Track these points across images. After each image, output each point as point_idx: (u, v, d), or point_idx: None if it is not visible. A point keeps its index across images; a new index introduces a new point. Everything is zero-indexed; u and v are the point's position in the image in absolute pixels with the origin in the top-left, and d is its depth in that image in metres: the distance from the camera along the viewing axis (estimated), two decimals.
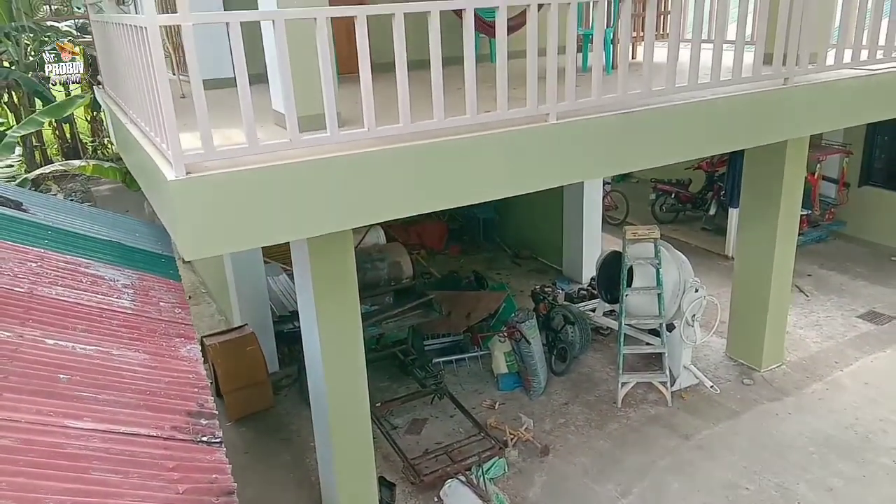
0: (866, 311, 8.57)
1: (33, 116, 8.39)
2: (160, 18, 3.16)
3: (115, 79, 5.61)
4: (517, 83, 4.40)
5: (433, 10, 3.77)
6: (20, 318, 3.34)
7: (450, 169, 4.11)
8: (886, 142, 10.36)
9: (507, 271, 10.54)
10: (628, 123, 4.62)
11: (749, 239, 7.31)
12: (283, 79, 3.51)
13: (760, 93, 5.14)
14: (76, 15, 11.44)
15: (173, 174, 3.33)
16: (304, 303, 5.24)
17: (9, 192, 5.24)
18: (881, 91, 5.91)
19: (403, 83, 3.80)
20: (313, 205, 3.71)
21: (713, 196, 11.52)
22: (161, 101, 3.22)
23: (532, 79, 4.22)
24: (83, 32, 13.78)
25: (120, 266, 4.54)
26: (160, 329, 3.84)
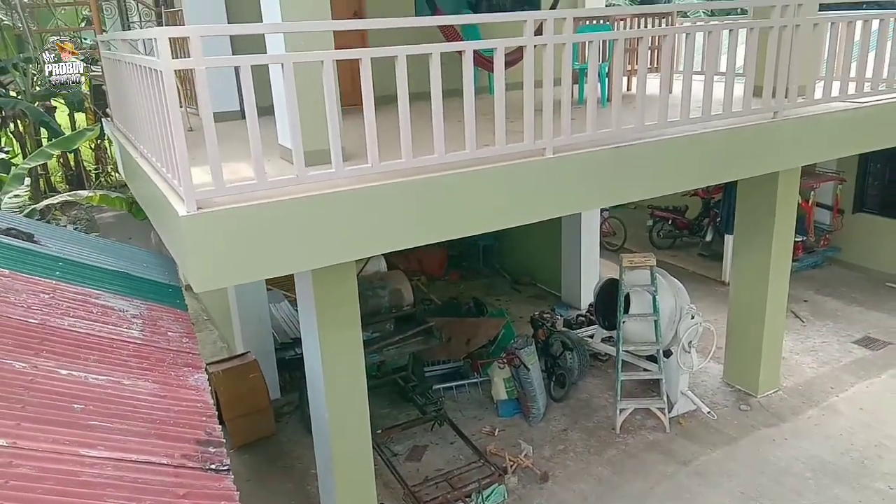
0: (861, 336, 8.68)
1: (43, 149, 8.56)
2: (175, 63, 3.32)
3: (125, 113, 5.78)
4: (515, 115, 4.56)
5: (434, 52, 3.95)
6: (35, 349, 3.45)
7: (450, 202, 4.25)
8: (879, 169, 10.55)
9: (506, 297, 10.65)
10: (622, 157, 4.78)
11: (744, 266, 7.45)
12: (291, 118, 3.67)
13: (750, 126, 5.31)
14: (84, 48, 11.69)
15: (185, 210, 3.47)
16: (307, 331, 5.35)
17: (20, 224, 5.38)
18: (868, 123, 6.09)
19: (406, 121, 3.96)
20: (319, 238, 3.84)
21: (710, 222, 11.69)
22: (175, 142, 3.37)
23: (529, 115, 4.39)
24: (90, 63, 14.03)
25: (129, 296, 4.66)
26: (168, 359, 3.94)
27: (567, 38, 4.42)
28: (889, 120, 6.26)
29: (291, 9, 4.00)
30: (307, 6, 4.06)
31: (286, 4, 4.00)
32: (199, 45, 3.34)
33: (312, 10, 4.08)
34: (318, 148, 4.02)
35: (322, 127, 3.88)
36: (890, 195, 10.46)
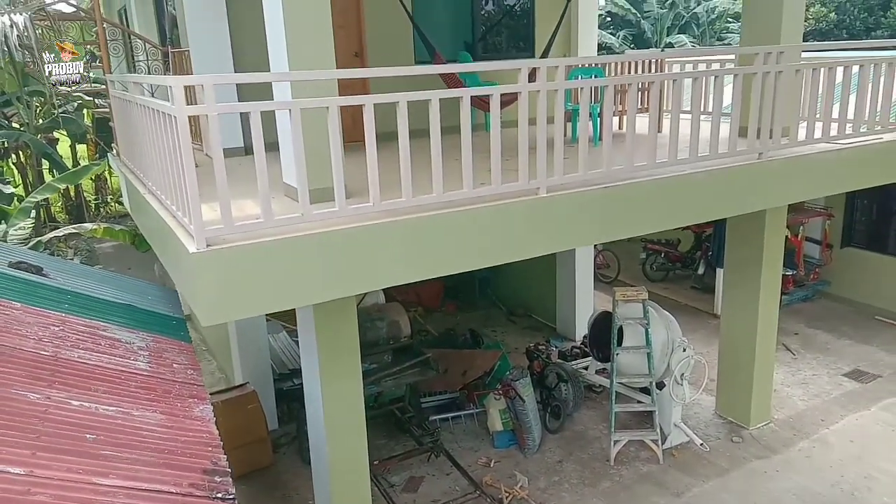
0: (851, 369, 8.82)
1: (50, 183, 8.77)
2: (189, 109, 3.51)
3: (133, 150, 5.98)
4: (510, 153, 4.75)
5: (433, 98, 4.16)
6: (47, 381, 3.58)
7: (448, 239, 4.43)
8: (866, 205, 10.79)
9: (501, 329, 10.78)
10: (613, 196, 4.98)
11: (734, 299, 7.62)
12: (298, 160, 3.86)
13: (736, 167, 5.53)
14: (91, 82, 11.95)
15: (195, 247, 3.63)
16: (307, 362, 5.48)
17: (29, 258, 5.53)
18: (851, 164, 6.32)
19: (406, 162, 4.14)
20: (323, 273, 4.00)
21: (702, 256, 11.89)
22: (187, 183, 3.55)
23: (523, 156, 4.58)
24: (97, 97, 14.30)
25: (135, 329, 4.80)
26: (174, 390, 4.07)
27: (559, 85, 4.65)
28: (871, 160, 6.49)
29: (298, 57, 4.23)
30: (313, 54, 4.29)
31: (293, 54, 4.22)
32: (212, 92, 3.54)
33: (318, 57, 4.30)
34: (321, 186, 4.19)
35: (325, 166, 4.06)
36: (877, 230, 10.69)
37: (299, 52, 4.26)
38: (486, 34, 9.17)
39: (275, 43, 4.43)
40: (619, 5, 22.49)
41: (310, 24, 4.27)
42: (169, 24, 8.93)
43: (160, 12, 9.59)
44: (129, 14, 11.67)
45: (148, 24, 10.42)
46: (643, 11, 22.62)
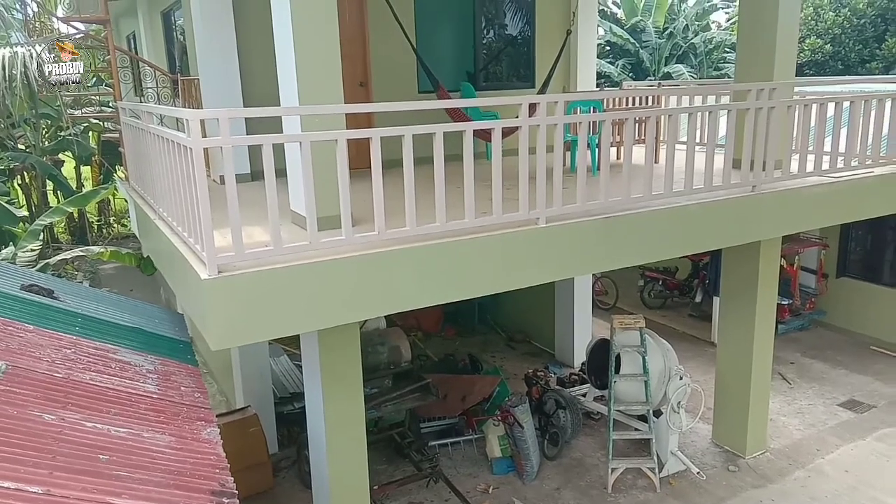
0: (847, 399, 8.90)
1: (59, 206, 8.92)
2: (204, 141, 3.67)
3: (144, 176, 6.13)
4: (511, 182, 4.89)
5: (437, 132, 4.32)
6: (61, 402, 3.68)
7: (451, 267, 4.56)
8: (860, 236, 10.94)
9: (500, 354, 10.86)
10: (611, 226, 5.12)
11: (729, 328, 7.73)
12: (307, 191, 4.00)
13: (730, 199, 5.68)
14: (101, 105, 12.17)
15: (206, 274, 3.76)
16: (310, 386, 5.57)
17: (40, 281, 5.65)
18: (843, 197, 6.48)
19: (411, 193, 4.29)
20: (329, 300, 4.13)
21: (699, 284, 12.01)
22: (201, 212, 3.69)
23: (523, 187, 4.73)
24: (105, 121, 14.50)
25: (143, 352, 4.90)
26: (182, 413, 4.17)
27: (558, 120, 4.81)
28: (863, 194, 6.65)
29: (308, 91, 4.41)
30: (322, 87, 4.47)
31: (303, 87, 4.40)
32: (227, 126, 3.70)
33: (326, 90, 4.48)
34: (328, 214, 4.32)
35: (332, 195, 4.19)
36: (872, 261, 10.83)
37: (309, 85, 4.44)
38: (488, 64, 9.42)
39: (285, 76, 4.62)
40: (618, 35, 22.88)
41: (319, 58, 4.46)
42: (178, 51, 9.17)
43: (169, 40, 9.85)
44: (139, 40, 11.95)
45: (157, 50, 10.68)
46: (642, 41, 23.01)
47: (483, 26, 9.25)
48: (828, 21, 21.75)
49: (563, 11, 9.36)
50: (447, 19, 9.01)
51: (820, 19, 22.00)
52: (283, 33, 4.54)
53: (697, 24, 23.94)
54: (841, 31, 21.59)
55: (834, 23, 21.64)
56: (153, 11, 10.16)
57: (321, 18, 4.43)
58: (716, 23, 25.82)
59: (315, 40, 4.44)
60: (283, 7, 4.47)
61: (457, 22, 9.04)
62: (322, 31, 4.45)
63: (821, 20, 21.96)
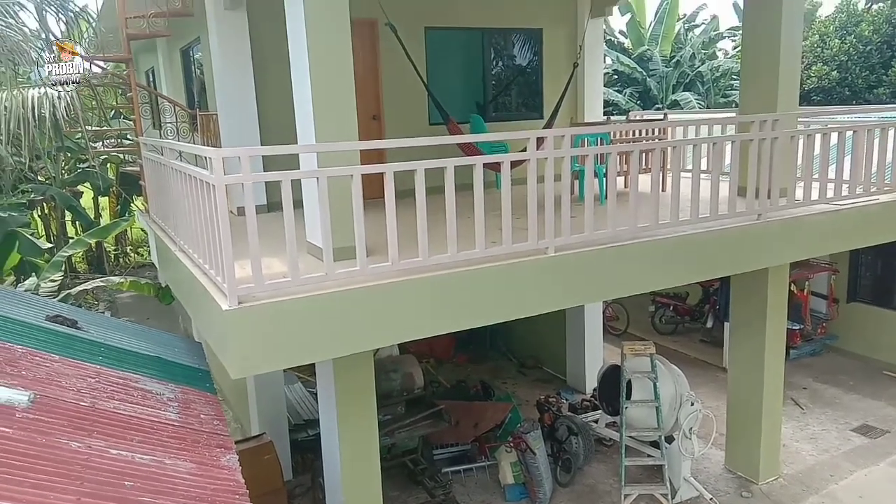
0: (860, 424, 8.87)
1: (81, 237, 9.16)
2: (227, 178, 3.84)
3: (165, 209, 6.33)
4: (520, 211, 5.02)
5: (448, 166, 4.49)
6: (87, 430, 3.82)
7: (463, 296, 4.69)
8: (870, 260, 10.97)
9: (512, 380, 10.92)
10: (618, 255, 5.24)
11: (740, 354, 7.77)
12: (323, 224, 4.17)
13: (736, 227, 5.79)
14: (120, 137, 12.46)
15: (227, 304, 3.91)
16: (325, 412, 5.69)
17: (64, 311, 5.83)
18: (848, 224, 6.55)
19: (423, 225, 4.44)
20: (345, 329, 4.26)
21: (710, 309, 12.04)
22: (222, 246, 3.85)
23: (532, 217, 4.87)
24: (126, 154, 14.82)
25: (164, 380, 5.05)
26: (203, 440, 4.30)
27: (566, 153, 4.97)
28: (868, 221, 6.72)
29: (325, 128, 4.61)
30: (338, 124, 4.67)
31: (320, 125, 4.60)
32: (248, 164, 3.88)
33: (342, 127, 4.69)
34: (343, 245, 4.47)
35: (347, 227, 4.35)
36: (882, 285, 10.84)
37: (325, 122, 4.65)
38: (497, 96, 9.64)
39: (302, 113, 4.83)
40: (626, 64, 23.17)
41: (335, 97, 4.67)
42: (197, 87, 9.46)
43: (188, 76, 10.16)
44: (157, 76, 12.31)
45: (175, 85, 11.01)
46: (649, 70, 23.29)
47: (492, 58, 9.50)
48: (833, 48, 21.94)
49: (570, 44, 9.60)
50: (457, 53, 9.27)
51: (826, 46, 22.20)
52: (300, 73, 4.76)
53: (704, 52, 24.22)
54: (847, 58, 21.76)
55: (840, 49, 21.82)
56: (172, 48, 10.49)
57: (337, 59, 4.65)
58: (722, 50, 26.11)
59: (331, 80, 4.65)
60: (300, 48, 4.69)
61: (466, 55, 9.30)
62: (338, 71, 4.67)
63: (826, 47, 22.15)
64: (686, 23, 25.19)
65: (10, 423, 3.55)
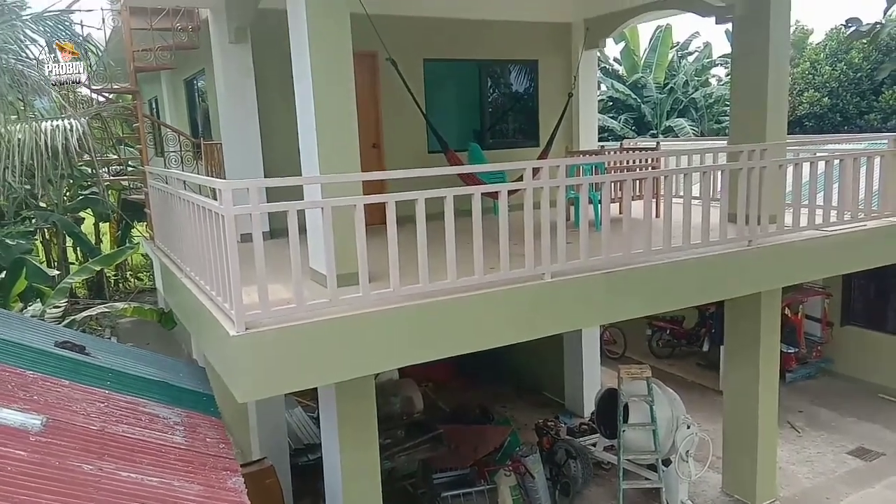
0: (856, 447, 8.96)
1: (86, 265, 9.31)
2: (236, 209, 4.00)
3: (170, 237, 6.49)
4: (517, 237, 5.15)
5: (448, 195, 4.65)
6: (98, 453, 3.93)
7: (463, 321, 4.83)
8: (863, 284, 11.12)
9: (510, 404, 10.99)
10: (613, 281, 5.39)
11: (735, 377, 7.89)
12: (327, 253, 4.32)
13: (727, 253, 5.94)
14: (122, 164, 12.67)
15: (235, 330, 4.04)
16: (327, 436, 5.78)
17: (71, 337, 5.95)
18: (837, 250, 6.72)
19: (424, 253, 4.59)
20: (348, 353, 4.39)
21: (706, 333, 12.15)
22: (231, 274, 4.00)
23: (529, 243, 5.03)
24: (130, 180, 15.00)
25: (170, 405, 5.15)
26: (209, 463, 4.40)
27: (561, 182, 5.15)
28: (856, 246, 6.88)
29: (328, 159, 4.80)
30: (341, 156, 4.86)
31: (324, 156, 4.79)
32: (256, 195, 4.05)
33: (345, 158, 4.88)
34: (346, 272, 4.61)
35: (350, 254, 4.49)
36: (875, 309, 10.98)
37: (329, 153, 4.85)
38: (494, 124, 9.88)
39: (307, 145, 5.02)
40: (620, 91, 23.55)
41: (338, 127, 4.89)
42: (201, 117, 9.68)
43: (192, 106, 10.39)
44: (161, 104, 12.55)
45: (179, 115, 11.24)
46: (643, 97, 23.67)
47: (489, 88, 9.76)
48: (824, 75, 22.33)
49: (565, 74, 9.86)
50: (455, 83, 9.53)
51: (817, 73, 22.59)
52: (304, 104, 4.97)
53: (697, 79, 24.63)
54: (838, 85, 22.14)
55: (831, 76, 22.21)
56: (176, 79, 10.73)
57: (340, 91, 4.87)
58: (715, 77, 26.53)
59: (335, 110, 4.86)
60: (305, 81, 4.89)
61: (464, 85, 9.56)
62: (341, 103, 4.88)
63: (818, 74, 22.55)
64: (679, 50, 25.65)
65: (24, 445, 3.67)
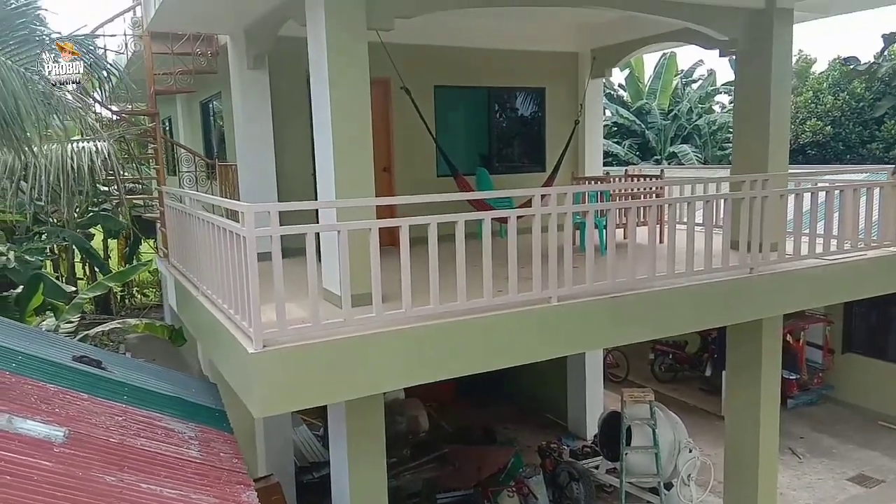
0: (856, 474, 9.02)
1: (101, 281, 9.48)
2: (257, 231, 4.17)
3: (186, 255, 6.65)
4: (524, 260, 5.29)
5: (459, 220, 4.82)
6: (119, 465, 4.06)
7: (473, 341, 4.97)
8: (864, 312, 11.24)
9: (514, 426, 11.07)
10: (618, 305, 5.53)
11: (736, 402, 7.98)
12: (343, 274, 4.48)
13: (729, 280, 6.09)
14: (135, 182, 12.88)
15: (253, 348, 4.19)
16: (336, 453, 5.90)
17: (87, 352, 6.10)
18: (837, 279, 6.84)
19: (435, 276, 4.75)
20: (361, 371, 4.54)
21: (708, 358, 12.26)
22: (250, 292, 4.16)
23: (536, 268, 5.18)
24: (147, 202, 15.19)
25: (185, 420, 5.28)
26: (224, 477, 4.52)
27: (567, 209, 5.32)
28: (857, 275, 7.01)
29: (344, 183, 4.99)
30: (356, 180, 5.06)
31: (340, 180, 4.98)
32: (276, 217, 4.23)
33: (359, 182, 5.07)
34: (359, 292, 4.75)
35: (363, 275, 4.64)
36: (876, 337, 11.09)
37: (345, 177, 5.06)
38: (502, 150, 10.10)
39: (324, 168, 5.21)
40: (625, 117, 23.84)
41: (354, 153, 5.11)
42: (216, 138, 9.91)
43: (206, 127, 10.64)
44: (175, 125, 12.81)
45: (194, 135, 11.48)
46: (647, 123, 23.95)
47: (497, 115, 9.99)
48: (827, 104, 22.62)
49: (571, 101, 10.08)
50: (464, 109, 9.77)
51: (819, 102, 22.89)
52: (323, 130, 5.17)
53: (701, 106, 24.92)
54: (841, 114, 22.42)
55: (833, 105, 22.50)
56: (192, 100, 10.99)
57: (357, 118, 5.08)
58: (719, 104, 26.84)
59: (351, 137, 5.09)
60: (324, 109, 5.10)
61: (473, 111, 9.80)
62: (357, 132, 5.10)
63: (820, 103, 22.84)
64: (683, 78, 25.98)
65: (49, 456, 3.81)
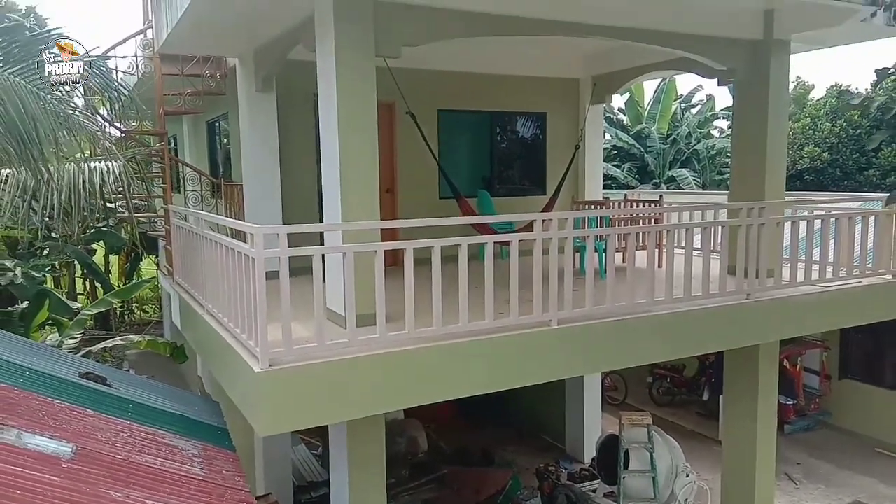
0: (852, 500, 9.04)
1: (104, 297, 9.56)
2: (266, 252, 4.27)
3: (192, 274, 6.74)
4: (525, 283, 5.39)
5: (462, 244, 4.93)
6: (125, 482, 4.11)
7: (474, 363, 5.06)
8: (860, 338, 11.29)
9: (512, 448, 11.07)
10: (617, 329, 5.62)
11: (733, 427, 8.03)
12: (348, 296, 4.58)
13: (726, 306, 6.18)
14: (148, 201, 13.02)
15: (259, 367, 4.27)
16: (336, 472, 5.95)
17: (92, 368, 6.16)
18: (832, 306, 6.95)
19: (438, 297, 4.84)
20: (364, 391, 4.61)
21: (706, 382, 12.29)
22: (257, 312, 4.25)
23: (537, 292, 5.28)
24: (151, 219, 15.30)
25: (188, 437, 5.33)
26: (227, 495, 4.57)
27: (568, 234, 5.43)
28: (852, 302, 7.11)
29: (350, 205, 5.10)
30: (362, 202, 5.18)
31: (346, 201, 5.10)
32: (285, 239, 4.33)
33: (365, 204, 5.19)
34: (362, 313, 4.84)
35: (367, 296, 4.73)
36: (873, 363, 11.15)
37: (350, 199, 5.18)
38: (503, 173, 10.24)
39: (330, 190, 5.32)
40: (624, 140, 24.09)
41: (360, 175, 5.23)
42: (222, 158, 10.05)
43: (212, 146, 10.78)
44: (181, 143, 12.97)
45: (199, 153, 11.62)
46: (647, 146, 24.19)
47: (499, 138, 10.15)
48: (825, 130, 22.87)
49: (572, 126, 10.25)
50: (467, 133, 9.93)
51: (817, 129, 23.13)
52: (330, 157, 5.30)
53: (700, 131, 25.19)
54: (838, 140, 22.65)
55: (831, 132, 22.74)
56: (198, 120, 11.14)
57: (364, 145, 5.24)
58: (717, 128, 27.11)
59: (358, 163, 5.22)
60: (331, 133, 5.23)
61: (476, 135, 9.96)
62: (364, 155, 5.24)
63: (818, 130, 23.09)
64: (683, 103, 26.28)
65: (57, 472, 3.86)
